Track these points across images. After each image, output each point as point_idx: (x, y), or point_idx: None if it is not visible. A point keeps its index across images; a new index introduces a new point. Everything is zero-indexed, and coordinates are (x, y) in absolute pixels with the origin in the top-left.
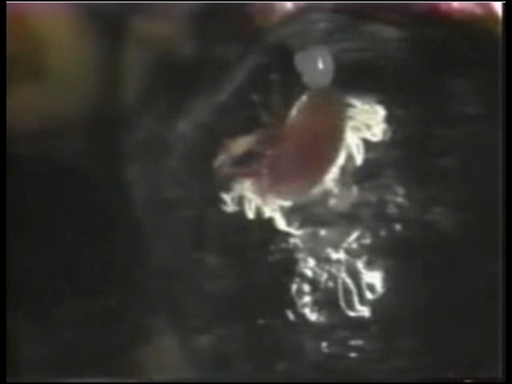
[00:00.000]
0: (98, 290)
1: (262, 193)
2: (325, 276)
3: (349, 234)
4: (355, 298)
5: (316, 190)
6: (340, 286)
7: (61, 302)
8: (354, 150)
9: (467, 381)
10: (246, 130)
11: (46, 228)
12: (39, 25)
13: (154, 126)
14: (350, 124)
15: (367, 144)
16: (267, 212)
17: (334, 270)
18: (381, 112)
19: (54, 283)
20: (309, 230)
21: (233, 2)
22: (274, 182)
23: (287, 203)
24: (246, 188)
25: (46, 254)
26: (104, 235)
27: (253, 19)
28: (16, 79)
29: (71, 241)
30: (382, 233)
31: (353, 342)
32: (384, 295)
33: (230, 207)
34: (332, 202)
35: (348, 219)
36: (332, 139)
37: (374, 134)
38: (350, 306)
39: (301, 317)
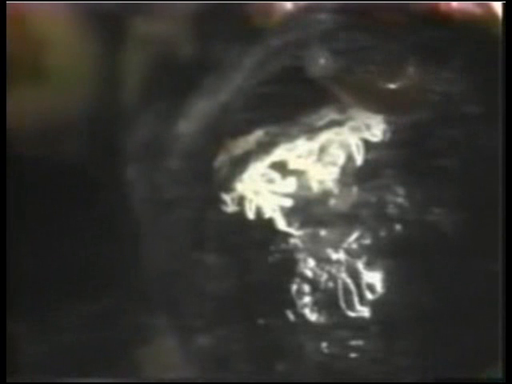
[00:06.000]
0: (98, 291)
1: None
2: (325, 276)
3: (349, 235)
4: (355, 299)
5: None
6: (340, 287)
7: (61, 302)
8: (354, 150)
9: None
10: (246, 130)
11: (46, 229)
12: (39, 25)
13: (154, 126)
14: (349, 124)
15: (367, 144)
16: (267, 212)
17: (334, 271)
18: None
19: (54, 284)
20: (309, 230)
21: (233, 2)
22: None
23: (287, 203)
24: None
25: (45, 255)
26: (104, 235)
27: (253, 19)
28: (16, 79)
29: (71, 241)
30: (382, 233)
31: (353, 343)
32: (384, 295)
33: (230, 207)
34: (332, 202)
35: (348, 219)
36: None
37: (373, 134)
38: (350, 307)
39: (301, 317)
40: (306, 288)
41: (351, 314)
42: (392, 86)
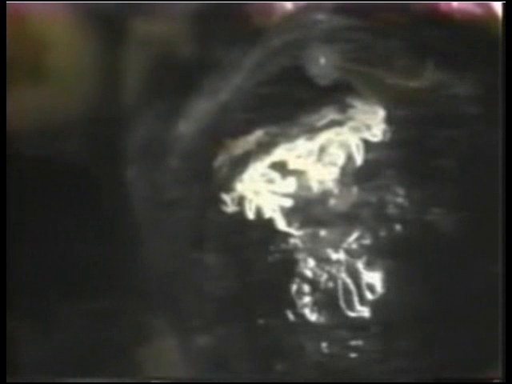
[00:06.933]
0: (98, 291)
1: None
2: (325, 276)
3: (349, 235)
4: (355, 299)
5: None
6: (340, 287)
7: (61, 302)
8: (354, 150)
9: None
10: (246, 130)
11: (46, 229)
12: (39, 25)
13: (154, 126)
14: (349, 124)
15: (367, 144)
16: (267, 212)
17: (333, 271)
18: (380, 112)
19: (54, 284)
20: (309, 230)
21: (233, 2)
22: None
23: (287, 203)
24: None
25: (46, 255)
26: (104, 235)
27: (253, 19)
28: (16, 79)
29: (71, 241)
30: (382, 233)
31: (353, 343)
32: (384, 295)
33: (230, 207)
34: (332, 202)
35: (348, 219)
36: None
37: (373, 135)
38: (350, 307)
39: (301, 317)
40: (306, 288)
41: (351, 314)
42: (392, 83)
